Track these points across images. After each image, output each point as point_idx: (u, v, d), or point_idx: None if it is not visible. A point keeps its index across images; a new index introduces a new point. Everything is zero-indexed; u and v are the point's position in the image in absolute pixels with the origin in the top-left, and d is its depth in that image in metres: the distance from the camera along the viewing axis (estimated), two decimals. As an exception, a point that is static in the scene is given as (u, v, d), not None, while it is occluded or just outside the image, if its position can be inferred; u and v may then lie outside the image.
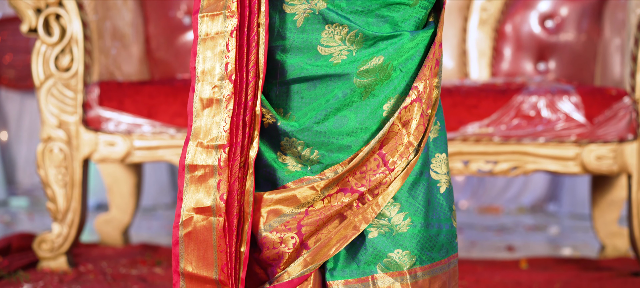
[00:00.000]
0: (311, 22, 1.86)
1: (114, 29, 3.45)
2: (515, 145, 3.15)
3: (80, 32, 3.21)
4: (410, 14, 1.89)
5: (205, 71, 1.87)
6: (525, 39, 3.79)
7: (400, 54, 1.87)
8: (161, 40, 3.82)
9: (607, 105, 3.13)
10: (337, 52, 1.86)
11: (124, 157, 3.23)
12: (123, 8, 3.57)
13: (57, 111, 3.22)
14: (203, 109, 1.88)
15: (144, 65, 3.75)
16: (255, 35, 1.87)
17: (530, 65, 3.79)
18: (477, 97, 3.15)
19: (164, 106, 3.20)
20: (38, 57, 3.23)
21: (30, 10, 3.22)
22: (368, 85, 1.86)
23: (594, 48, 3.68)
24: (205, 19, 1.88)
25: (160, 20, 3.83)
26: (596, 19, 3.70)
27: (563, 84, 3.27)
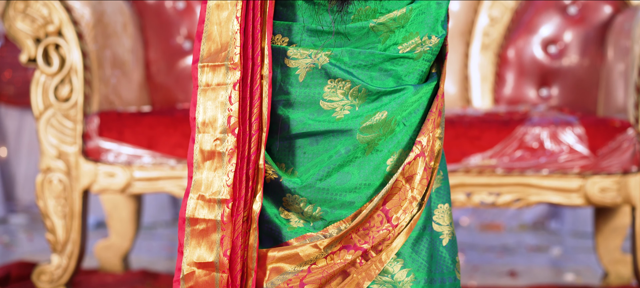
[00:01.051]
0: (314, 77, 1.84)
1: (114, 57, 3.43)
2: (518, 177, 3.12)
3: (80, 62, 3.19)
4: (414, 67, 1.86)
5: (206, 122, 1.85)
6: (527, 64, 3.76)
7: (404, 108, 1.85)
8: (161, 65, 3.80)
9: (611, 136, 3.10)
10: (339, 106, 1.84)
11: (124, 188, 3.21)
12: (123, 35, 3.54)
13: (57, 142, 3.20)
14: (204, 161, 1.85)
15: (144, 91, 3.73)
16: (258, 87, 1.84)
17: (533, 91, 3.77)
18: (479, 129, 3.13)
19: (164, 137, 3.18)
20: (37, 87, 3.21)
21: (30, 40, 3.20)
22: (371, 140, 1.84)
23: (597, 73, 3.66)
24: (206, 69, 1.85)
25: (160, 45, 3.80)
26: (599, 44, 3.68)
27: (566, 114, 3.24)
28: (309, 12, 1.85)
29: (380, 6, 1.84)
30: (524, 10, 3.79)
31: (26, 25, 3.19)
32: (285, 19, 1.87)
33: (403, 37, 1.86)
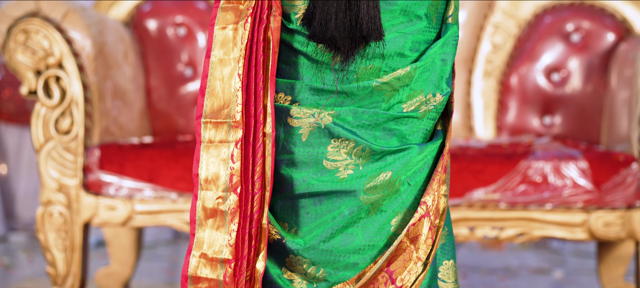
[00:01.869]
0: (317, 136, 1.82)
1: (114, 87, 3.41)
2: (522, 212, 3.10)
3: (80, 94, 3.17)
4: (418, 126, 1.84)
5: (208, 179, 1.83)
6: (530, 91, 3.74)
7: (408, 168, 1.83)
8: (162, 92, 3.78)
9: (615, 171, 3.08)
10: (343, 166, 1.82)
11: (125, 222, 3.19)
12: (124, 64, 3.52)
13: (57, 174, 3.18)
14: (206, 218, 1.83)
15: (145, 119, 3.71)
16: (260, 145, 1.82)
17: (536, 120, 3.74)
18: (482, 163, 3.11)
19: (165, 170, 3.16)
20: (38, 119, 3.19)
21: (30, 72, 3.18)
22: (375, 201, 1.82)
23: (600, 101, 3.64)
24: (209, 125, 1.83)
25: (161, 71, 3.78)
26: (603, 72, 3.66)
27: (570, 148, 3.22)
28: (312, 70, 1.83)
29: (384, 65, 1.82)
30: (527, 38, 3.77)
31: (27, 57, 3.17)
32: (288, 77, 1.85)
33: (407, 95, 1.84)
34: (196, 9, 3.83)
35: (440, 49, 1.86)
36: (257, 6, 1.81)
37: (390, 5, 1.81)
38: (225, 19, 1.83)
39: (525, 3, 3.78)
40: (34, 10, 3.22)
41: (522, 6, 3.78)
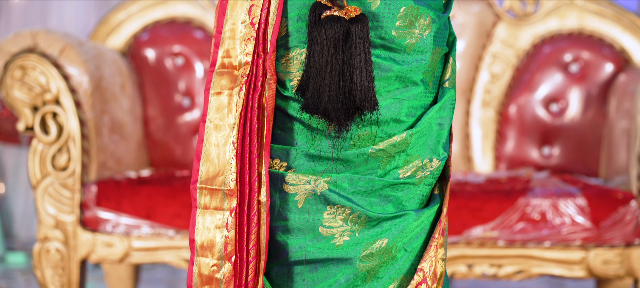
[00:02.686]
0: (312, 203, 1.81)
1: (112, 121, 3.40)
2: (520, 249, 3.10)
3: (77, 131, 3.16)
4: (415, 192, 1.83)
5: (204, 246, 1.82)
6: (529, 122, 3.73)
7: (405, 234, 1.82)
8: (160, 122, 3.77)
9: (614, 208, 3.08)
10: (339, 232, 1.81)
11: (122, 258, 3.18)
12: (121, 96, 3.51)
13: (55, 211, 3.17)
14: (202, 285, 1.83)
15: (142, 150, 3.70)
16: (255, 213, 1.81)
17: (534, 151, 3.73)
18: (481, 200, 3.10)
19: (162, 207, 3.15)
20: (34, 155, 3.18)
21: (27, 108, 3.17)
22: (372, 268, 1.81)
23: (599, 132, 3.63)
24: (204, 191, 1.83)
25: (159, 101, 3.77)
26: (602, 102, 3.65)
27: (568, 185, 3.21)
28: (307, 136, 1.82)
29: (380, 131, 1.81)
30: (525, 68, 3.76)
31: (23, 93, 3.16)
32: (283, 142, 1.84)
33: (404, 160, 1.83)
34: (194, 38, 3.82)
35: (437, 113, 1.85)
36: (252, 73, 1.80)
37: (385, 73, 1.80)
38: (221, 84, 1.83)
39: (523, 33, 3.77)
40: (31, 46, 3.21)
41: (521, 36, 3.77)
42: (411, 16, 1.80)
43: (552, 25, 3.77)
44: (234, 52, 1.82)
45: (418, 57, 1.81)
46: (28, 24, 5.15)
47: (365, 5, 1.79)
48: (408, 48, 1.80)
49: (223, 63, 1.83)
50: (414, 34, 1.81)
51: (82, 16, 4.59)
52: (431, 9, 1.83)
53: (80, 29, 4.77)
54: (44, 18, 4.98)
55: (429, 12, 1.82)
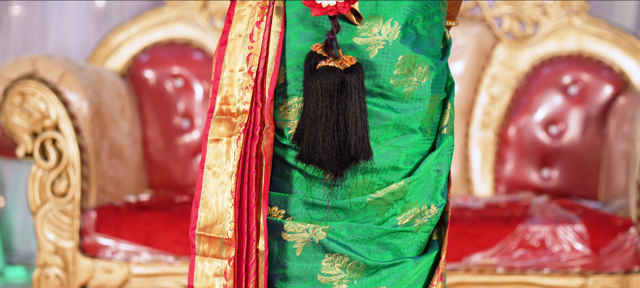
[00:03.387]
0: (311, 251, 1.81)
1: (111, 146, 3.40)
2: (520, 276, 3.10)
3: (77, 157, 3.16)
4: (413, 239, 1.83)
5: None
6: (528, 144, 3.73)
7: (403, 282, 1.82)
8: (159, 144, 3.77)
9: (613, 235, 3.08)
10: (337, 280, 1.81)
11: (122, 285, 3.18)
12: (120, 120, 3.52)
13: (54, 237, 3.17)
14: None
15: (142, 172, 3.70)
16: (254, 262, 1.81)
17: (534, 173, 3.73)
18: (480, 226, 3.10)
19: (161, 234, 3.15)
20: (34, 182, 3.18)
21: (26, 134, 3.17)
22: None
23: (598, 154, 3.63)
24: (203, 238, 1.83)
25: (158, 123, 3.78)
26: (601, 124, 3.65)
27: (567, 211, 3.21)
28: (305, 184, 1.82)
29: (378, 178, 1.81)
30: (525, 90, 3.76)
31: (23, 119, 3.16)
32: (281, 190, 1.84)
33: (402, 207, 1.83)
34: (193, 60, 3.82)
35: (435, 159, 1.85)
36: (250, 122, 1.80)
37: (383, 121, 1.79)
38: (219, 131, 1.83)
39: (523, 55, 3.77)
40: (31, 72, 3.21)
41: (520, 58, 3.77)
42: (409, 64, 1.80)
43: (551, 47, 3.77)
44: (232, 99, 1.82)
45: (416, 104, 1.81)
46: (27, 38, 5.14)
47: (362, 54, 1.79)
48: (406, 96, 1.80)
49: (221, 110, 1.83)
50: (412, 82, 1.80)
51: (81, 31, 4.59)
52: (429, 56, 1.83)
53: (80, 43, 4.77)
54: (44, 32, 4.98)
55: (427, 60, 1.82)
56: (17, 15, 4.61)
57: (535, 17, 3.78)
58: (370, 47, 1.79)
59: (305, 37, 1.80)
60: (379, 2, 1.80)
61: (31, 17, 4.65)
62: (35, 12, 4.59)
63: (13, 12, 4.59)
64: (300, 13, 1.80)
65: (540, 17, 3.78)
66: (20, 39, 5.25)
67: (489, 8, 3.81)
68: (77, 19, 4.56)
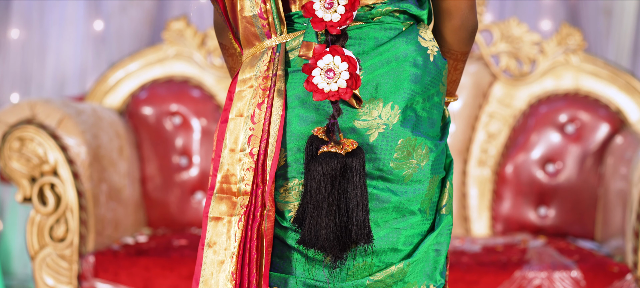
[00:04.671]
0: None
1: (109, 189, 3.41)
2: (516, 322, 3.11)
3: (75, 202, 3.17)
4: None
5: None
6: (525, 182, 3.75)
7: None
8: (157, 182, 3.78)
9: (609, 282, 3.09)
10: None
11: (120, 329, 3.19)
12: (119, 161, 3.52)
13: (53, 282, 3.18)
14: None
15: (140, 210, 3.71)
16: None
17: (531, 211, 3.74)
18: (477, 273, 3.11)
19: (160, 279, 3.16)
20: (32, 226, 3.19)
21: (25, 179, 3.18)
22: None
23: (595, 193, 3.65)
24: None
25: (156, 160, 3.78)
26: (597, 163, 3.66)
27: (564, 257, 3.23)
28: (305, 266, 1.83)
29: (378, 260, 1.82)
30: (522, 128, 3.77)
31: (21, 164, 3.17)
32: (281, 271, 1.85)
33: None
34: (191, 97, 3.83)
35: (434, 239, 1.86)
36: (251, 203, 1.81)
37: (383, 204, 1.81)
38: (219, 209, 1.84)
39: (520, 92, 3.79)
40: (29, 117, 3.22)
41: (517, 95, 3.79)
42: (409, 147, 1.81)
43: (548, 85, 3.78)
44: (233, 179, 1.83)
45: (416, 187, 1.82)
46: (26, 61, 5.14)
47: (363, 137, 1.80)
48: (406, 179, 1.81)
49: (222, 188, 1.84)
50: (412, 164, 1.82)
51: (79, 54, 4.59)
52: (429, 138, 1.84)
53: (78, 67, 4.77)
54: (42, 56, 4.98)
55: (427, 142, 1.83)
56: (15, 39, 4.61)
57: (532, 55, 3.79)
58: (370, 131, 1.80)
59: (306, 119, 1.81)
60: (379, 84, 1.81)
61: (30, 41, 4.65)
62: (34, 36, 4.59)
63: (12, 36, 4.59)
64: (301, 96, 1.81)
65: (538, 55, 3.79)
66: (18, 63, 5.26)
67: (486, 46, 3.82)
68: (76, 42, 4.56)
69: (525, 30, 3.80)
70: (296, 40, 1.84)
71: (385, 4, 1.84)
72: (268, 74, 1.83)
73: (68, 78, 4.50)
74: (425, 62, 1.84)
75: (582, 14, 4.04)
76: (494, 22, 3.89)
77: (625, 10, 3.97)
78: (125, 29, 4.27)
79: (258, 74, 1.83)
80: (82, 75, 4.72)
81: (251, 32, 1.85)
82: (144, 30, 4.28)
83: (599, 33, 4.01)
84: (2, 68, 5.18)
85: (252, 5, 1.83)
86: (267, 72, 1.83)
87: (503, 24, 3.81)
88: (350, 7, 1.77)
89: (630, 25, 3.98)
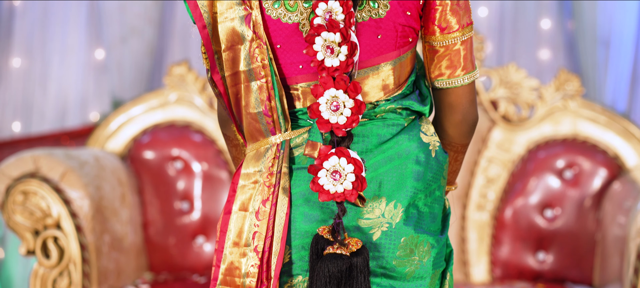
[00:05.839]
0: None
1: (112, 239, 3.44)
2: None
3: (78, 254, 3.20)
4: None
5: None
6: (524, 227, 3.77)
7: None
8: (159, 226, 3.80)
9: (607, 336, 3.12)
10: None
11: None
12: (121, 209, 3.55)
13: (56, 334, 3.21)
14: None
15: (142, 256, 3.73)
16: None
17: (530, 256, 3.77)
18: (477, 326, 3.14)
19: (163, 332, 3.19)
20: (36, 279, 3.22)
21: (28, 232, 3.21)
22: None
23: (592, 237, 3.68)
24: None
25: (158, 205, 3.81)
26: (595, 208, 3.69)
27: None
28: None
29: None
30: (521, 173, 3.80)
31: (25, 218, 3.20)
32: None
33: None
34: (193, 141, 3.86)
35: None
36: None
37: None
38: None
39: (518, 137, 3.81)
40: (33, 170, 3.24)
41: (516, 140, 3.81)
42: (411, 245, 1.84)
43: (546, 131, 3.81)
44: (237, 272, 1.86)
45: (418, 282, 1.86)
46: (27, 90, 5.16)
47: (367, 235, 1.83)
48: (408, 275, 1.85)
49: (225, 279, 1.87)
50: (414, 261, 1.85)
51: (81, 83, 4.61)
52: (430, 233, 1.87)
53: (80, 96, 4.80)
54: (44, 84, 5.00)
55: (429, 238, 1.86)
56: (17, 67, 4.63)
57: (531, 100, 3.82)
58: (373, 229, 1.83)
59: (311, 218, 1.84)
60: (382, 182, 1.84)
61: (31, 70, 4.67)
62: (36, 64, 4.62)
63: (13, 65, 4.61)
64: (305, 193, 1.84)
65: (536, 100, 3.82)
66: (20, 92, 5.28)
67: (485, 91, 3.85)
68: (77, 71, 4.58)
69: (523, 76, 3.83)
70: (300, 138, 1.87)
71: (389, 102, 1.87)
72: (273, 171, 1.85)
73: (69, 107, 4.52)
74: (427, 159, 1.87)
75: (579, 46, 4.06)
76: (493, 67, 3.91)
77: (624, 40, 4.00)
78: (126, 59, 4.29)
79: (263, 169, 1.86)
80: (83, 104, 4.75)
81: (256, 128, 1.87)
82: (145, 61, 4.31)
83: (596, 64, 4.02)
84: (4, 96, 5.20)
85: (257, 102, 1.85)
86: (271, 168, 1.86)
87: (502, 69, 3.84)
88: (357, 110, 1.80)
89: (628, 55, 4.01)
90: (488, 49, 4.12)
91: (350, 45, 1.79)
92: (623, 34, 4.01)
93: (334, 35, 1.79)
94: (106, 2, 4.27)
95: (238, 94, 1.87)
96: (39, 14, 4.63)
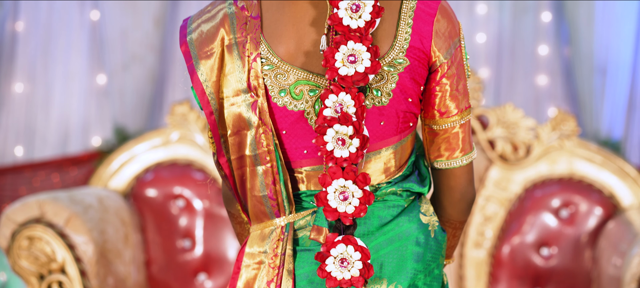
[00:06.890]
0: None
1: (115, 281, 3.49)
2: None
3: (83, 299, 3.25)
4: None
5: None
6: (520, 265, 3.83)
7: None
8: (161, 263, 3.86)
9: None
10: None
11: None
12: (124, 249, 3.60)
13: None
14: None
15: (144, 293, 3.79)
16: None
17: (526, 295, 3.83)
18: None
19: None
20: (41, 323, 3.27)
21: (34, 277, 3.26)
22: None
23: (589, 276, 3.73)
24: None
25: (160, 242, 3.86)
26: (591, 246, 3.74)
27: None
28: None
29: None
30: (518, 211, 3.85)
31: (30, 263, 3.25)
32: None
33: None
34: (193, 179, 3.91)
35: None
36: None
37: None
38: None
39: (516, 176, 3.87)
40: (38, 216, 3.29)
41: (513, 179, 3.87)
42: None
43: (543, 170, 3.86)
44: None
45: None
46: (30, 115, 5.20)
47: None
48: None
49: None
50: None
51: (82, 108, 4.66)
52: None
53: (82, 121, 4.84)
54: (46, 110, 5.05)
55: None
56: (20, 92, 4.67)
57: (527, 140, 3.88)
58: None
59: (315, 299, 1.89)
60: (383, 264, 1.89)
61: (34, 95, 4.71)
62: (38, 89, 4.65)
63: (16, 90, 4.65)
64: (309, 275, 1.89)
65: (533, 140, 3.87)
66: (23, 116, 5.32)
67: (482, 131, 3.90)
68: (79, 96, 4.62)
69: (520, 116, 3.88)
70: (304, 219, 1.91)
71: (390, 185, 1.92)
72: (277, 252, 1.90)
73: (71, 132, 4.56)
74: (426, 239, 1.92)
75: (576, 73, 4.11)
76: (490, 107, 3.97)
77: (620, 68, 4.05)
78: (128, 86, 4.34)
79: (268, 251, 1.91)
80: (85, 129, 4.79)
81: (260, 210, 1.92)
82: (146, 88, 4.36)
83: (593, 91, 4.07)
84: (7, 121, 5.24)
85: (263, 186, 1.90)
86: (276, 249, 1.90)
87: (499, 109, 3.89)
88: (365, 200, 1.84)
89: (625, 82, 4.06)
90: (484, 73, 4.17)
91: (362, 138, 1.82)
92: (619, 62, 4.06)
93: (347, 128, 1.82)
94: (108, 28, 4.32)
95: (243, 176, 1.91)
96: (42, 40, 4.67)
